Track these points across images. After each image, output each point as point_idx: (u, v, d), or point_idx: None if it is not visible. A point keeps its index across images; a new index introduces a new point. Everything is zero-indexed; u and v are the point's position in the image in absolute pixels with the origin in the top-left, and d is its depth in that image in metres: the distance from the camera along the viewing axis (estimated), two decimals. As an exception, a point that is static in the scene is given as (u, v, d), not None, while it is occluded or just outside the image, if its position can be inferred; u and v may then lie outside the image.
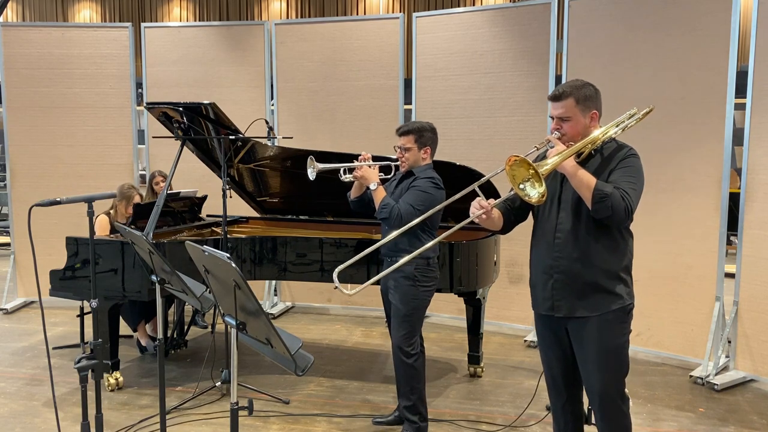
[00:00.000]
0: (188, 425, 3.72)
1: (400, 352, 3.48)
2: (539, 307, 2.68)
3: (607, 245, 2.51)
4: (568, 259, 2.53)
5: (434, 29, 5.68)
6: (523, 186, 2.34)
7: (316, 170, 3.65)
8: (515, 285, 5.49)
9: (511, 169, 2.34)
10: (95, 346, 2.71)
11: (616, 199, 2.35)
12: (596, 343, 2.53)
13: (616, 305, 2.52)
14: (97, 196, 3.26)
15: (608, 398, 2.56)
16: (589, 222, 2.49)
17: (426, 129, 3.55)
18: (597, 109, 2.56)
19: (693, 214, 4.57)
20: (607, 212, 2.37)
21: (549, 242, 2.58)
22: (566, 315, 2.56)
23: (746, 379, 4.39)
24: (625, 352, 2.57)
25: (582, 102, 2.51)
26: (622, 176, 2.45)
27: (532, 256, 2.70)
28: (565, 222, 2.54)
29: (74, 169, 6.17)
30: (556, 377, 2.72)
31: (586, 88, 2.54)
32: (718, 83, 4.39)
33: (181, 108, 4.24)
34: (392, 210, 3.36)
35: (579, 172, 2.40)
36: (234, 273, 2.04)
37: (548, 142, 2.53)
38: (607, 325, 2.52)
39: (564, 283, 2.55)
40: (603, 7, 4.88)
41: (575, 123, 2.52)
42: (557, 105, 2.54)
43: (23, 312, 6.16)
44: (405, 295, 3.45)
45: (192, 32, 6.35)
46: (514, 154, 2.31)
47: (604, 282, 2.51)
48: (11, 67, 6.17)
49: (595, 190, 2.36)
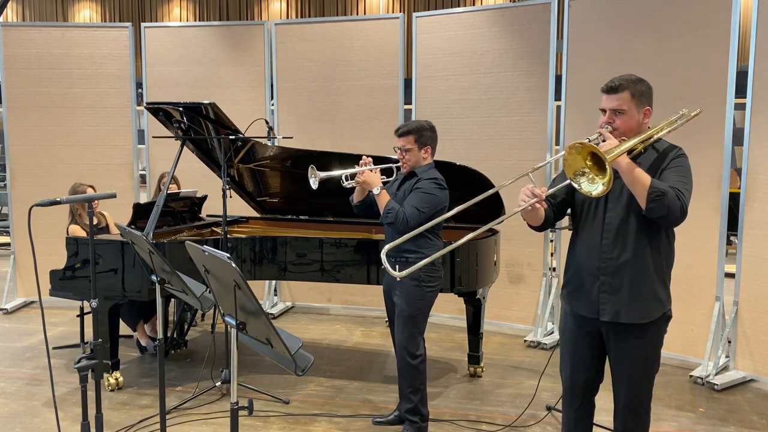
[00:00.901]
0: (188, 425, 3.72)
1: (405, 353, 3.47)
2: (581, 309, 2.57)
3: (657, 248, 2.46)
4: (617, 260, 2.45)
5: (434, 29, 5.68)
6: (577, 180, 2.24)
7: (318, 179, 3.62)
8: (515, 285, 5.50)
9: (569, 157, 2.23)
10: (95, 346, 2.71)
11: (672, 198, 2.29)
12: (635, 351, 2.49)
13: (659, 313, 2.48)
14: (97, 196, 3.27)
15: (637, 401, 2.53)
16: (641, 222, 2.41)
17: (425, 128, 3.52)
18: (650, 106, 2.50)
19: (693, 214, 4.51)
20: (663, 211, 2.29)
21: (596, 242, 2.49)
22: (611, 319, 2.48)
23: (746, 379, 4.39)
24: (659, 359, 2.55)
25: (638, 96, 2.46)
26: (674, 175, 2.39)
27: (574, 256, 2.60)
28: (613, 221, 2.46)
29: (74, 169, 6.16)
30: (576, 381, 2.64)
31: (641, 83, 2.48)
32: (718, 83, 4.39)
33: (181, 108, 4.24)
34: (397, 214, 3.34)
35: (635, 169, 2.32)
36: (234, 273, 2.04)
37: (600, 135, 2.42)
38: (648, 333, 2.48)
39: (612, 286, 2.47)
40: (603, 7, 4.88)
41: (629, 117, 2.46)
42: (612, 97, 2.47)
43: (23, 312, 6.16)
44: (410, 296, 3.43)
45: (192, 32, 6.34)
46: (576, 141, 2.20)
47: (653, 286, 2.46)
48: (11, 67, 6.17)
49: (651, 188, 2.29)
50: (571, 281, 2.62)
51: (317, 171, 3.63)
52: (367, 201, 3.60)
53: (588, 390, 2.65)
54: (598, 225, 2.50)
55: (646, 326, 2.47)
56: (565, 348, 2.67)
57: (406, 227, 3.31)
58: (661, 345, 2.56)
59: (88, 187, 4.79)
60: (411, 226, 3.31)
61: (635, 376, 2.51)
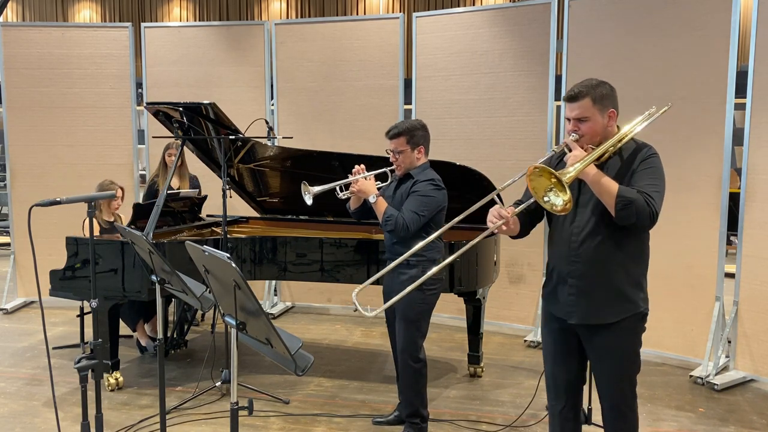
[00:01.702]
0: (188, 425, 3.72)
1: (408, 357, 3.45)
2: (554, 311, 2.59)
3: (628, 251, 2.44)
4: (585, 264, 2.45)
5: (434, 29, 5.67)
6: (547, 197, 2.24)
7: (311, 195, 3.58)
8: (515, 285, 5.50)
9: (532, 181, 2.24)
10: (95, 346, 2.71)
11: (641, 204, 2.28)
12: (611, 350, 2.48)
13: (630, 312, 2.45)
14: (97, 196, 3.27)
15: (620, 401, 2.53)
16: (609, 226, 2.40)
17: (416, 128, 3.44)
18: (614, 108, 2.47)
19: (693, 214, 4.57)
20: (632, 219, 2.29)
21: (565, 246, 2.50)
22: (579, 322, 2.49)
23: (746, 379, 4.39)
24: (638, 358, 2.53)
25: (599, 101, 2.43)
26: (644, 178, 2.37)
27: (549, 259, 2.63)
28: (582, 226, 2.46)
29: (74, 169, 6.17)
30: (558, 383, 2.65)
31: (601, 86, 2.46)
32: (718, 83, 4.39)
33: (181, 108, 4.24)
34: (397, 221, 3.30)
35: (602, 179, 2.31)
36: (234, 273, 2.04)
37: (566, 145, 2.44)
38: (621, 333, 2.46)
39: (580, 289, 2.47)
40: (603, 7, 4.88)
41: (593, 123, 2.43)
42: (573, 106, 2.45)
43: (23, 312, 6.16)
44: (411, 300, 3.35)
45: (192, 32, 6.34)
46: (534, 165, 2.22)
47: (622, 289, 2.44)
48: (11, 67, 6.17)
49: (618, 197, 2.28)
50: (547, 283, 2.64)
51: (310, 187, 3.59)
52: (366, 207, 3.56)
53: (571, 391, 2.65)
54: (567, 230, 2.50)
55: (618, 323, 2.45)
56: (546, 350, 2.68)
57: (407, 233, 3.29)
58: (639, 344, 2.54)
59: (119, 188, 4.83)
60: (412, 231, 3.29)
61: (614, 375, 2.51)
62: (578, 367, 2.62)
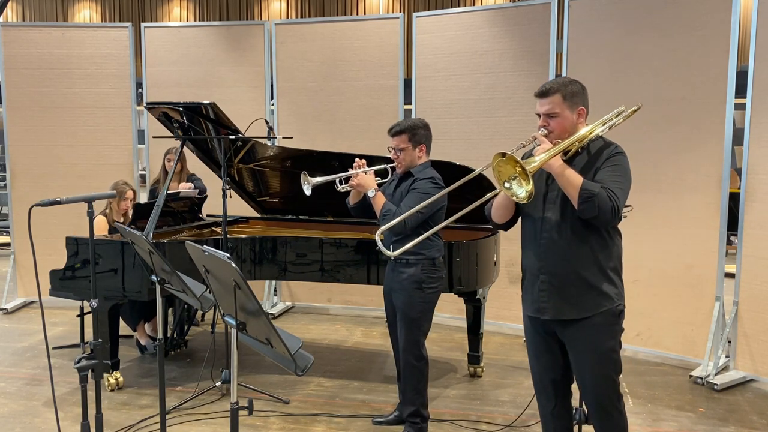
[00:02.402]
0: (188, 425, 3.72)
1: (411, 356, 3.46)
2: (527, 308, 2.61)
3: (594, 245, 2.45)
4: (554, 259, 2.48)
5: (434, 29, 5.67)
6: (509, 184, 2.30)
7: (311, 185, 3.60)
8: (515, 285, 5.46)
9: (498, 166, 2.29)
10: (95, 346, 2.71)
11: (603, 198, 2.31)
12: (586, 347, 2.49)
13: (603, 307, 2.46)
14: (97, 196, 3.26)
15: (603, 400, 2.53)
16: (576, 222, 2.43)
17: (419, 126, 3.47)
18: (584, 106, 2.51)
19: (693, 214, 4.57)
20: (594, 212, 2.32)
21: (536, 242, 2.53)
22: (553, 317, 2.51)
23: (746, 379, 4.39)
24: (616, 355, 2.52)
25: (569, 98, 2.47)
26: (609, 175, 2.40)
27: (522, 258, 2.64)
28: (551, 221, 2.48)
29: (74, 169, 6.17)
30: (545, 383, 2.66)
31: (572, 84, 2.50)
32: (718, 83, 4.39)
33: (181, 108, 4.24)
34: (395, 216, 3.31)
35: (566, 171, 2.36)
36: (234, 273, 2.04)
37: (535, 139, 2.47)
38: (595, 328, 2.47)
39: (550, 284, 2.49)
40: (603, 7, 4.88)
41: (562, 119, 2.47)
42: (544, 101, 2.49)
43: (23, 312, 6.16)
44: (411, 299, 3.39)
45: (192, 32, 6.34)
46: (500, 151, 2.27)
47: (590, 283, 2.45)
48: (11, 67, 6.17)
49: (581, 190, 2.32)
50: (522, 282, 2.65)
51: (309, 177, 3.60)
52: (365, 203, 3.57)
53: (559, 390, 2.65)
54: (537, 225, 2.53)
55: (592, 318, 2.46)
56: (529, 351, 2.70)
57: (404, 229, 3.30)
58: (617, 343, 2.52)
59: (129, 190, 4.84)
60: (409, 228, 3.29)
61: (593, 374, 2.50)
62: (562, 365, 2.62)
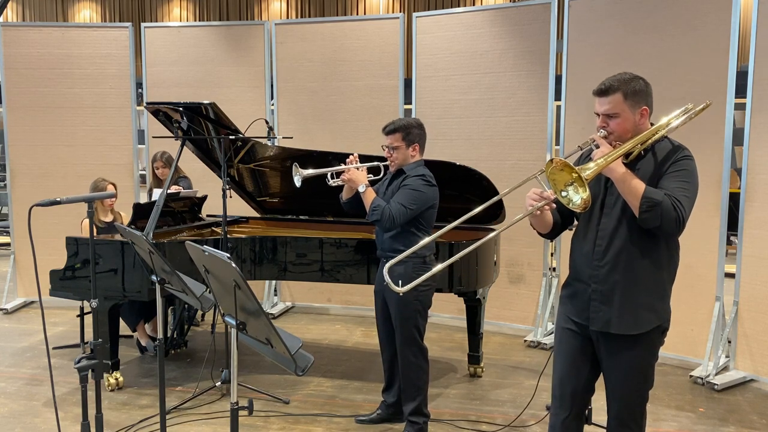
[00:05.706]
0: (188, 425, 3.72)
1: (408, 353, 3.46)
2: (573, 315, 2.47)
3: (653, 258, 2.32)
4: (608, 269, 2.34)
5: (434, 29, 5.67)
6: (565, 192, 2.13)
7: (301, 177, 3.59)
8: (515, 285, 5.50)
9: (552, 174, 2.13)
10: (95, 346, 2.71)
11: (667, 208, 2.16)
12: (627, 362, 2.37)
13: (653, 325, 2.35)
14: (97, 196, 3.27)
15: (627, 418, 2.44)
16: (635, 231, 2.28)
17: (413, 126, 3.47)
18: (648, 105, 2.33)
19: (693, 214, 4.54)
20: (656, 222, 2.18)
21: (589, 249, 2.38)
22: (600, 329, 2.38)
23: (746, 379, 4.39)
24: (652, 371, 2.43)
25: (631, 97, 2.29)
26: (674, 181, 2.23)
27: (571, 261, 2.50)
28: (607, 228, 2.34)
29: (74, 169, 6.16)
30: (565, 391, 2.52)
31: (635, 81, 2.31)
32: (718, 83, 4.39)
33: (181, 108, 4.24)
34: (383, 212, 3.30)
35: (627, 177, 2.20)
36: (234, 273, 2.04)
37: (593, 141, 2.31)
38: (640, 348, 2.37)
39: (602, 294, 2.35)
40: (603, 7, 4.88)
41: (623, 120, 2.30)
42: (603, 100, 2.31)
43: (23, 312, 6.16)
44: (405, 300, 3.37)
45: (192, 32, 6.34)
46: (554, 157, 2.13)
47: (647, 297, 2.33)
48: (11, 67, 6.17)
49: (644, 198, 2.16)
50: (568, 285, 2.54)
51: (300, 169, 3.60)
52: (357, 198, 3.55)
53: (576, 401, 2.52)
54: (592, 231, 2.39)
55: (638, 337, 2.35)
56: (558, 353, 2.57)
57: (392, 225, 3.30)
58: (655, 359, 2.44)
59: (109, 184, 4.82)
60: (398, 224, 3.31)
61: (626, 389, 2.41)
62: (589, 376, 2.50)
